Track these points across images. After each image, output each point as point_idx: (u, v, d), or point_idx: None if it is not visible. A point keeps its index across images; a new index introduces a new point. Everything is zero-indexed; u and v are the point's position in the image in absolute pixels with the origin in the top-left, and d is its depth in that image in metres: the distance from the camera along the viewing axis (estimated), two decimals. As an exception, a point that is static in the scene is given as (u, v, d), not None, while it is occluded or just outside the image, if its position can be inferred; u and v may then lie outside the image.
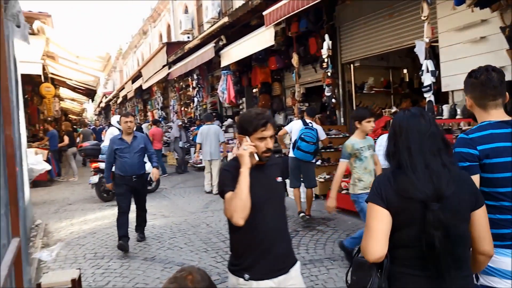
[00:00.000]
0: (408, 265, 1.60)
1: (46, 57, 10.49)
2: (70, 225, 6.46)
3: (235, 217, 1.91)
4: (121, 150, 5.12)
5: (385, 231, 1.59)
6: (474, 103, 1.96)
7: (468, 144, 1.85)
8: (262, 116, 2.06)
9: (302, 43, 8.50)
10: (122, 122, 5.24)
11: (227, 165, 2.21)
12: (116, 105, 30.01)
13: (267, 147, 2.06)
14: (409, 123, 1.66)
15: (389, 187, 1.61)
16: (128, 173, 5.10)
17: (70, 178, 11.70)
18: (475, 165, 1.83)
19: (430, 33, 5.07)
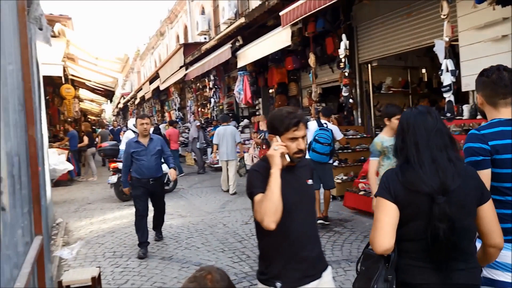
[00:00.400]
0: (414, 258, 1.67)
1: (67, 59, 10.69)
2: (89, 224, 6.58)
3: (266, 221, 1.79)
4: (137, 153, 5.06)
5: (392, 224, 1.66)
6: (485, 101, 2.02)
7: (480, 140, 1.90)
8: (294, 115, 1.95)
9: (319, 43, 8.46)
10: (138, 124, 5.15)
11: (256, 165, 2.08)
12: (134, 106, 30.41)
13: (299, 148, 1.95)
14: (416, 120, 1.74)
15: (397, 182, 1.68)
16: (145, 176, 5.07)
17: (90, 178, 11.91)
18: (488, 160, 1.87)
19: (450, 32, 4.98)
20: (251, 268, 4.37)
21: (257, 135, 10.26)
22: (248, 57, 9.73)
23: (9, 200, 1.76)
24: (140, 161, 5.05)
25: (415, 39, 6.64)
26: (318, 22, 7.89)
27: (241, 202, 7.71)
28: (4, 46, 1.90)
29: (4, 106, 1.82)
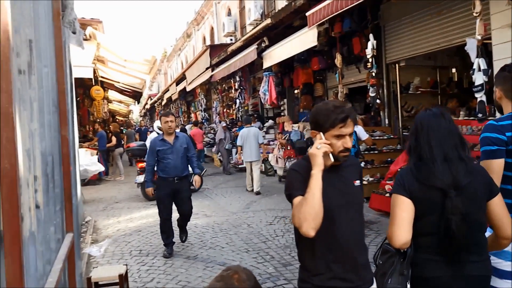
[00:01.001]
0: (430, 252, 1.79)
1: (97, 61, 10.99)
2: (117, 223, 6.73)
3: (305, 227, 1.62)
4: (163, 152, 4.91)
5: (408, 219, 1.78)
6: (504, 95, 2.10)
7: (497, 130, 1.99)
8: (342, 110, 1.74)
9: (346, 43, 8.36)
10: (162, 122, 5.00)
11: (296, 164, 1.92)
12: (161, 107, 30.90)
13: (345, 146, 1.75)
14: (430, 121, 1.86)
15: (412, 178, 1.82)
16: (170, 175, 4.93)
17: (117, 177, 12.19)
18: (503, 150, 1.96)
19: (482, 30, 4.82)
20: (275, 269, 4.36)
21: (282, 136, 10.23)
22: (274, 58, 9.72)
23: (43, 198, 1.82)
24: (166, 160, 4.92)
25: (445, 38, 6.46)
26: (344, 22, 7.79)
27: (265, 202, 7.72)
28: (40, 50, 1.96)
29: (40, 107, 1.89)
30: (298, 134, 9.87)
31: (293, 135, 9.79)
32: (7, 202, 1.10)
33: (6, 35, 1.11)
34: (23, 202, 1.41)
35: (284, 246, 5.10)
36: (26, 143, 1.58)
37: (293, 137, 9.74)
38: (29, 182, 1.59)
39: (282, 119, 11.62)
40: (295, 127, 10.34)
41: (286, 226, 5.98)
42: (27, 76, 1.68)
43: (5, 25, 1.11)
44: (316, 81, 10.56)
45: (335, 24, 7.92)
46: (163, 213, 4.99)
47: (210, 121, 19.11)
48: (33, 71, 1.77)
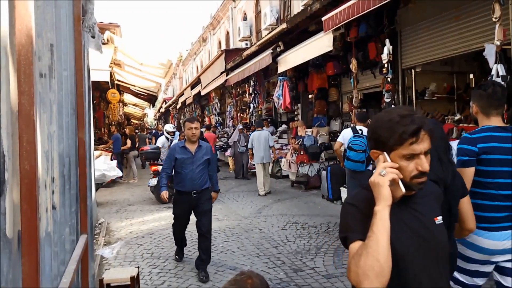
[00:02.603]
0: None
1: (113, 65, 11.15)
2: (129, 225, 6.78)
3: (366, 285, 1.20)
4: (182, 161, 4.46)
5: None
6: (479, 110, 2.43)
7: (470, 143, 2.32)
8: (411, 120, 1.32)
9: (361, 48, 8.32)
10: (186, 128, 4.51)
11: (354, 197, 1.48)
12: (175, 111, 31.15)
13: (421, 169, 1.33)
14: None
15: None
16: (187, 188, 4.44)
17: (131, 180, 12.29)
18: (473, 160, 2.30)
19: (502, 35, 4.74)
20: (286, 275, 4.34)
21: (295, 141, 10.21)
22: (288, 63, 9.72)
23: (59, 199, 1.85)
24: (183, 170, 4.45)
25: (463, 43, 6.36)
26: (360, 27, 7.76)
27: (277, 207, 7.69)
28: (61, 53, 2.00)
29: (59, 110, 1.92)
30: (311, 139, 9.83)
31: (306, 140, 9.76)
32: (26, 203, 1.12)
33: (29, 39, 1.13)
34: (41, 203, 1.43)
35: (295, 251, 5.07)
36: (45, 145, 1.61)
37: (306, 142, 9.71)
38: (47, 184, 1.62)
39: (296, 124, 11.59)
40: (308, 132, 10.30)
41: (298, 231, 5.95)
42: (47, 79, 1.71)
43: (28, 30, 1.13)
44: (330, 86, 10.51)
45: (351, 29, 7.89)
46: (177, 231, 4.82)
47: (224, 125, 19.19)
48: (53, 75, 1.81)
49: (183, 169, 4.46)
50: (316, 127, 10.49)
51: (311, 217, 6.76)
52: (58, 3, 1.98)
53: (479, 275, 2.38)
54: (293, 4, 13.60)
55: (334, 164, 8.43)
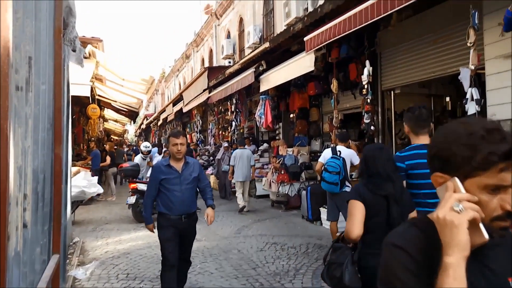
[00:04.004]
0: (373, 246, 2.29)
1: (95, 80, 11.04)
2: (105, 245, 6.59)
3: None
4: (168, 181, 3.90)
5: (362, 218, 2.34)
6: (410, 130, 2.85)
7: (400, 160, 2.70)
8: (502, 136, 0.96)
9: (342, 69, 8.47)
10: (171, 144, 3.96)
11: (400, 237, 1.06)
12: (156, 127, 30.91)
13: (508, 208, 0.95)
14: (376, 152, 2.54)
15: (365, 189, 2.44)
16: (175, 211, 3.89)
17: (109, 197, 12.01)
18: (403, 175, 2.66)
19: (476, 60, 4.91)
20: (267, 296, 4.26)
21: (276, 160, 10.22)
22: (271, 82, 9.81)
23: (31, 217, 1.77)
24: (171, 192, 3.89)
25: (440, 67, 6.56)
26: (342, 48, 7.92)
27: (257, 228, 7.62)
28: (39, 67, 1.96)
29: (35, 124, 1.87)
30: (292, 158, 9.87)
31: (287, 159, 9.79)
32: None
33: (6, 52, 1.10)
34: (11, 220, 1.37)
35: (274, 273, 5.00)
36: (19, 160, 1.55)
37: (287, 161, 9.73)
38: (19, 201, 1.55)
39: (277, 143, 11.63)
40: (289, 151, 10.34)
41: (277, 252, 5.89)
42: (24, 92, 1.66)
43: (5, 42, 1.10)
44: (311, 106, 10.64)
45: (332, 50, 8.04)
46: (169, 260, 3.89)
47: (205, 143, 19.12)
48: (30, 88, 1.76)
49: (170, 191, 3.89)
50: (297, 146, 10.54)
51: (291, 237, 6.71)
52: (38, 16, 1.95)
53: None
54: (276, 24, 13.83)
55: (314, 184, 8.44)
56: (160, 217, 3.96)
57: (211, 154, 15.13)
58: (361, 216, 2.34)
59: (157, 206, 3.99)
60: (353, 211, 2.37)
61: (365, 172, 2.55)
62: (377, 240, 2.00)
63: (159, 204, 3.96)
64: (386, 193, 2.37)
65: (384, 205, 2.37)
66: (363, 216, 2.34)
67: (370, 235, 2.34)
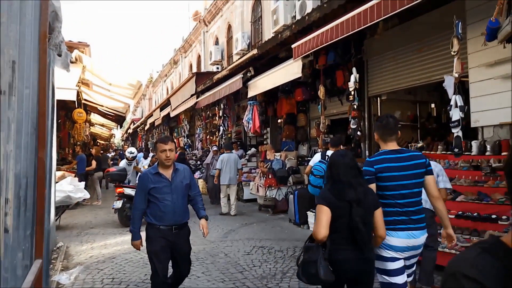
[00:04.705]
0: (339, 243, 2.64)
1: (81, 84, 10.94)
2: (90, 249, 6.50)
3: None
4: (158, 190, 3.61)
5: (328, 221, 2.61)
6: (379, 137, 3.05)
7: (370, 164, 2.91)
8: None
9: (329, 75, 8.55)
10: (159, 150, 3.63)
11: (472, 266, 0.86)
12: (143, 132, 30.70)
13: None
14: (338, 159, 2.78)
15: (330, 194, 2.68)
16: (166, 222, 3.59)
17: (94, 202, 11.85)
18: (372, 178, 2.87)
19: (460, 68, 5.01)
20: (254, 301, 4.25)
21: (264, 164, 10.24)
22: (259, 88, 9.86)
23: (13, 222, 1.75)
24: (161, 202, 3.59)
25: (425, 74, 6.68)
26: (329, 55, 8.00)
27: (244, 231, 7.61)
28: (23, 71, 1.94)
29: (18, 128, 1.85)
30: (280, 163, 9.90)
31: (274, 164, 9.81)
32: (-26, 225, 1.05)
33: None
34: (-8, 226, 1.35)
35: (261, 276, 5.00)
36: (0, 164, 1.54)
37: (274, 166, 9.76)
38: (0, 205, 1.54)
39: (265, 148, 11.66)
40: (277, 156, 10.37)
41: (264, 256, 5.89)
42: (7, 96, 1.65)
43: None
44: (299, 111, 10.72)
45: (320, 57, 8.12)
46: (159, 275, 3.58)
47: (192, 148, 19.05)
48: (13, 92, 1.74)
49: (160, 200, 3.59)
50: (284, 151, 10.59)
51: (278, 241, 6.72)
52: (23, 21, 1.93)
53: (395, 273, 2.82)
54: (265, 31, 13.91)
55: (301, 188, 8.48)
56: (149, 228, 3.64)
57: (199, 158, 15.08)
58: (326, 219, 2.60)
59: (145, 217, 3.68)
60: (319, 215, 2.64)
61: (330, 178, 2.78)
62: (343, 238, 2.64)
63: (148, 215, 3.65)
64: (349, 199, 2.60)
65: (347, 208, 2.60)
66: (329, 219, 2.60)
67: (337, 234, 2.63)
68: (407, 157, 2.89)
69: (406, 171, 2.84)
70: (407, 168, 2.85)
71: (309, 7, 9.42)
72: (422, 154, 3.03)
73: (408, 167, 2.85)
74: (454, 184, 5.22)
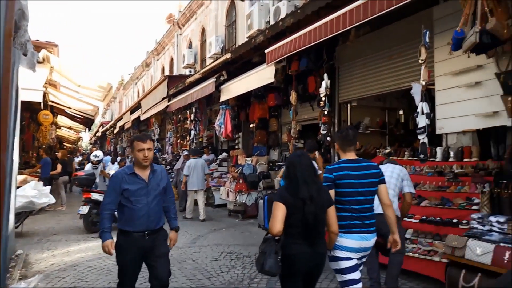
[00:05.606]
0: (294, 237, 2.84)
1: (48, 85, 10.59)
2: (51, 257, 6.21)
3: None
4: (132, 192, 3.30)
5: (282, 217, 2.79)
6: (339, 147, 3.28)
7: (329, 172, 3.09)
8: None
9: (301, 81, 8.60)
10: (136, 149, 3.34)
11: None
12: (113, 135, 30.03)
13: None
14: (295, 159, 2.98)
15: (286, 192, 2.88)
16: (139, 227, 3.28)
17: (58, 207, 11.36)
18: (332, 184, 3.05)
19: (426, 76, 5.12)
20: (222, 308, 4.16)
21: (235, 169, 10.17)
22: (231, 92, 9.82)
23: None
24: (135, 205, 3.29)
25: (394, 81, 6.81)
26: (301, 61, 8.05)
27: (213, 237, 7.49)
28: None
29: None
30: (251, 167, 9.86)
31: (245, 169, 9.76)
32: None
33: None
34: None
35: (228, 282, 4.91)
36: None
37: (245, 171, 9.70)
38: None
39: (236, 152, 11.60)
40: (248, 160, 10.34)
41: (232, 262, 5.80)
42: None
43: None
44: (271, 116, 10.73)
45: (292, 63, 8.16)
46: (124, 284, 3.35)
47: (162, 152, 18.75)
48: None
49: (134, 203, 3.29)
50: (256, 156, 10.56)
51: (246, 247, 6.64)
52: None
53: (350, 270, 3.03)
54: (239, 35, 13.89)
55: (271, 193, 8.46)
56: (119, 235, 3.32)
57: (168, 163, 14.82)
58: (281, 215, 2.78)
59: (118, 224, 3.37)
60: (275, 211, 2.82)
61: (287, 176, 2.97)
62: (297, 233, 2.83)
63: (120, 220, 3.36)
64: (302, 196, 2.80)
65: (301, 205, 2.78)
66: (284, 215, 2.79)
67: (292, 229, 2.82)
68: (363, 166, 3.12)
69: (362, 179, 3.06)
70: (363, 177, 3.07)
71: (283, 13, 9.47)
72: (377, 164, 3.25)
73: (364, 176, 3.07)
74: (419, 190, 5.32)
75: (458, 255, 4.03)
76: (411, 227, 5.02)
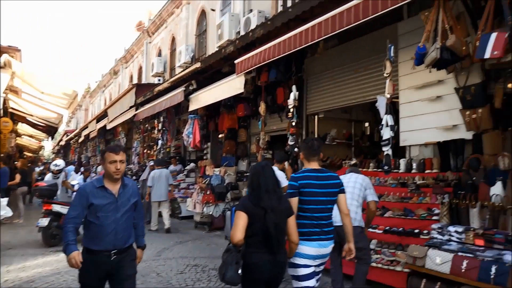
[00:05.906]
0: (255, 247, 2.87)
1: (9, 91, 10.17)
2: (6, 272, 5.83)
3: None
4: (100, 208, 3.02)
5: (244, 225, 2.82)
6: (304, 157, 3.38)
7: (294, 180, 3.20)
8: None
9: (270, 92, 8.64)
10: (107, 161, 3.08)
11: None
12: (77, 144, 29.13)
13: None
14: (259, 169, 3.05)
15: (248, 201, 2.93)
16: (104, 246, 3.02)
17: (15, 219, 10.73)
18: (296, 192, 3.15)
19: (391, 89, 5.25)
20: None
21: (202, 180, 10.03)
22: (200, 101, 9.74)
23: None
24: (102, 221, 3.02)
25: (360, 94, 6.95)
26: (271, 72, 8.08)
27: (178, 250, 7.32)
28: None
29: None
30: (219, 178, 9.75)
31: (213, 180, 9.65)
32: None
33: None
34: None
35: (195, 296, 4.79)
36: None
37: (213, 182, 9.59)
38: None
39: (204, 163, 11.46)
40: (216, 171, 10.23)
41: (197, 275, 5.67)
42: None
43: None
44: (240, 127, 10.70)
45: (262, 74, 8.20)
46: None
47: (128, 162, 18.30)
48: None
49: (101, 220, 3.02)
50: (224, 166, 10.47)
51: (212, 259, 6.52)
52: None
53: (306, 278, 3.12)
54: (209, 45, 13.86)
55: (239, 205, 8.38)
56: (84, 253, 3.01)
57: (134, 173, 14.46)
58: (242, 224, 2.81)
59: (84, 241, 3.08)
60: (236, 220, 2.85)
61: (250, 186, 3.02)
62: (258, 242, 2.86)
63: (86, 238, 3.08)
64: (264, 205, 2.84)
65: (262, 214, 2.83)
66: (245, 224, 2.82)
67: (253, 238, 2.85)
68: (325, 176, 3.24)
69: (323, 188, 3.17)
70: (325, 186, 3.18)
71: (254, 24, 9.53)
72: (338, 175, 3.38)
73: (326, 185, 3.19)
74: (383, 201, 5.42)
75: (419, 265, 4.10)
76: (375, 238, 5.08)
